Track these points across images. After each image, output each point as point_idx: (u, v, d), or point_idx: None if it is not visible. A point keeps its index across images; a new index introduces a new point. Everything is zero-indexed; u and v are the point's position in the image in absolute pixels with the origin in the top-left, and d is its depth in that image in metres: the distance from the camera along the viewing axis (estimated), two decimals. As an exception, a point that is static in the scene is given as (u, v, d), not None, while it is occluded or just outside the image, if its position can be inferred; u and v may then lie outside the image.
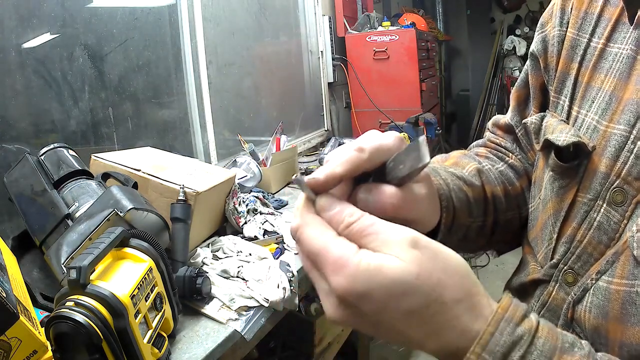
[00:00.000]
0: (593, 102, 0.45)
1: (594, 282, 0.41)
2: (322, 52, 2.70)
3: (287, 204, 1.57)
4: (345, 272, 0.27)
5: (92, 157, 1.13)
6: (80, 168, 1.00)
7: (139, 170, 1.09)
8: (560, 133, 0.46)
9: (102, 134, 1.41)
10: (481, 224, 0.53)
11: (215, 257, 1.12)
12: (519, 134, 0.60)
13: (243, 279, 1.02)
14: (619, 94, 0.42)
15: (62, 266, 0.76)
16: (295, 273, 1.05)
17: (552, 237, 0.48)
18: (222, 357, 0.85)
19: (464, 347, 0.28)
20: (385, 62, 2.67)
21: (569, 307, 0.43)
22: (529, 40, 4.79)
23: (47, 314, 0.79)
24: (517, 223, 0.58)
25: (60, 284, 0.79)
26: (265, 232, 1.26)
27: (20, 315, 0.61)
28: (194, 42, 1.74)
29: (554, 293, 0.47)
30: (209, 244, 1.17)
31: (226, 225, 1.30)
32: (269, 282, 1.00)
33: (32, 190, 0.92)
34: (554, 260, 0.47)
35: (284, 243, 1.19)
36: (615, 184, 0.41)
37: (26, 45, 1.20)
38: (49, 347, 0.63)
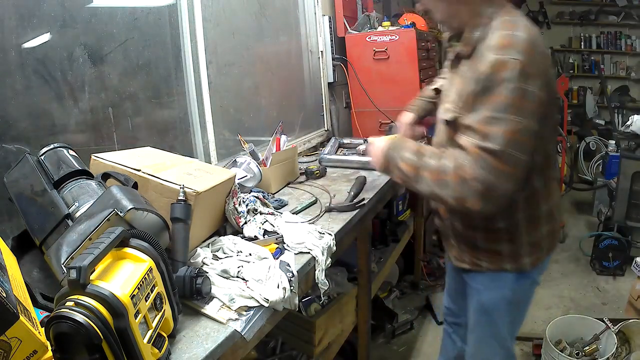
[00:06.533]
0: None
1: (437, 132, 1.23)
2: (322, 52, 2.71)
3: (287, 204, 1.57)
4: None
5: (92, 157, 1.13)
6: (80, 168, 1.00)
7: (139, 170, 1.09)
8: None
9: (102, 134, 1.41)
10: None
11: (215, 257, 1.12)
12: None
13: (243, 279, 1.02)
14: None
15: (62, 266, 0.76)
16: (295, 273, 1.05)
17: None
18: (222, 357, 0.85)
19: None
20: (385, 62, 2.67)
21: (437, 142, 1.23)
22: (529, 40, 4.78)
23: (47, 314, 0.79)
24: None
25: (60, 284, 0.79)
26: (265, 232, 1.26)
27: (20, 315, 0.61)
28: (194, 42, 1.74)
29: (434, 138, 1.27)
30: (209, 244, 1.17)
31: (226, 225, 1.30)
32: (269, 282, 1.00)
33: (32, 190, 0.93)
34: None
35: (284, 243, 1.19)
36: (442, 100, 1.19)
37: (26, 45, 1.20)
38: (49, 347, 0.63)
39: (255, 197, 1.39)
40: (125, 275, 0.69)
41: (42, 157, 1.01)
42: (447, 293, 1.54)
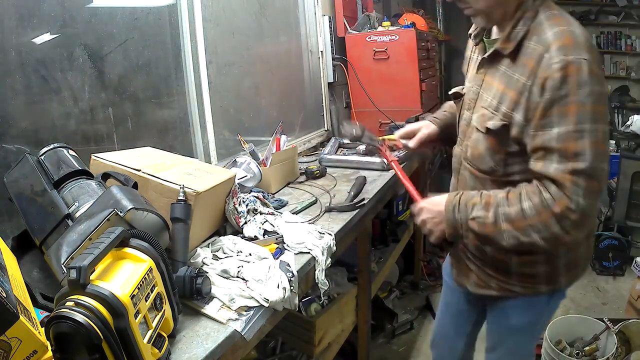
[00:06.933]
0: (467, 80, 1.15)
1: (466, 143, 1.09)
2: (322, 52, 2.70)
3: (287, 204, 1.57)
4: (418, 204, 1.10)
5: (92, 157, 1.13)
6: (80, 168, 1.00)
7: (139, 170, 1.09)
8: (454, 89, 1.20)
9: (102, 134, 1.41)
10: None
11: (215, 257, 1.12)
12: None
13: (243, 279, 1.02)
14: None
15: (62, 266, 0.76)
16: (295, 273, 1.05)
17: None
18: (222, 357, 0.85)
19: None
20: (385, 62, 2.67)
21: (463, 154, 1.11)
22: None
23: (47, 314, 0.79)
24: None
25: (60, 284, 0.79)
26: (265, 232, 1.26)
27: (20, 315, 0.61)
28: (194, 42, 1.74)
29: (457, 149, 1.15)
30: (209, 244, 1.17)
31: (226, 225, 1.30)
32: (269, 282, 1.00)
33: (32, 190, 0.92)
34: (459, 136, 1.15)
35: (284, 243, 1.19)
36: (468, 105, 1.09)
37: (26, 45, 1.20)
38: (49, 347, 0.63)
39: (255, 197, 1.39)
40: (125, 275, 0.69)
41: (42, 157, 1.01)
42: (448, 315, 1.44)
